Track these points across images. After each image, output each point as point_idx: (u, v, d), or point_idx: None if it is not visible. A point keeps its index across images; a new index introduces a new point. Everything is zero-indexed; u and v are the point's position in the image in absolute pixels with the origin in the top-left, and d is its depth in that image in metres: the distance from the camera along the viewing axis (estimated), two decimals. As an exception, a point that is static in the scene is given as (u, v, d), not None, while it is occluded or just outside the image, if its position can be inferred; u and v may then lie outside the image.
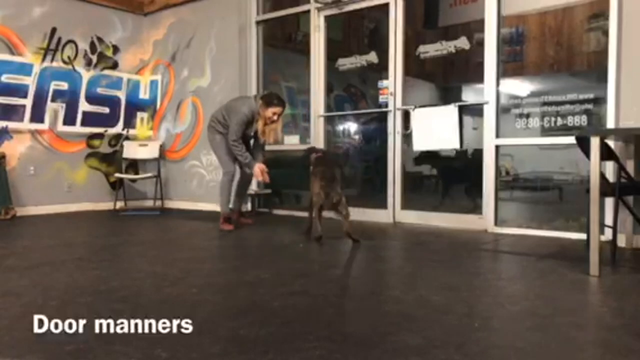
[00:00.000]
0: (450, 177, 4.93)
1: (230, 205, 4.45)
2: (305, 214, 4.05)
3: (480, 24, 4.21)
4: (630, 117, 3.38)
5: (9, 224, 4.80)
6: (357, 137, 5.33)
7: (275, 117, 4.20)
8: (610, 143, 3.19)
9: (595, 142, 2.58)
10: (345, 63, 5.17)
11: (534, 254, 3.23)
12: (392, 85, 4.70)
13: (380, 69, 4.91)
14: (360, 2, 4.95)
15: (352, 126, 5.35)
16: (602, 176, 2.83)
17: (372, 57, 5.04)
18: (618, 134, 3.25)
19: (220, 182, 4.42)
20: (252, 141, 4.47)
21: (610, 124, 3.56)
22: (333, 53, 5.23)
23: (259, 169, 4.14)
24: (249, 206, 5.50)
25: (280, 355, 1.56)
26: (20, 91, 5.38)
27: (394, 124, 4.69)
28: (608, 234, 3.15)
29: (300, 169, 5.24)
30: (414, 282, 2.65)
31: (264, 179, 4.23)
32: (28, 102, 5.44)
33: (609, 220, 3.08)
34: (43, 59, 5.55)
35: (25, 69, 5.41)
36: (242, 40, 5.64)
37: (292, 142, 5.57)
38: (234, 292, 2.34)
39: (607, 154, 2.96)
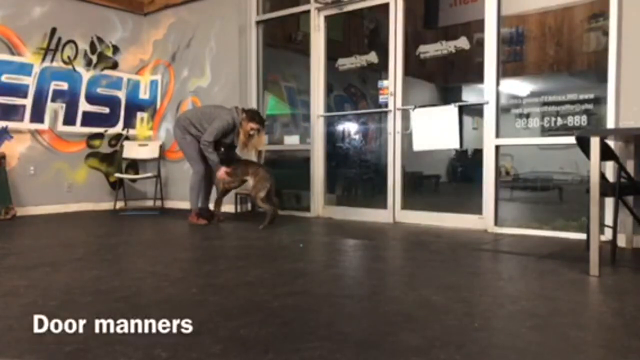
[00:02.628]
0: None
1: (199, 204, 4.71)
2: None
3: (480, 24, 4.20)
4: (630, 117, 3.37)
5: (9, 224, 4.80)
6: (357, 137, 5.33)
7: (252, 132, 4.52)
8: (610, 143, 3.19)
9: (595, 142, 2.58)
10: (345, 63, 5.17)
11: (534, 254, 3.23)
12: (392, 85, 4.70)
13: (380, 69, 4.91)
14: (360, 2, 4.95)
15: (352, 126, 5.35)
16: (602, 176, 2.83)
17: (372, 57, 5.03)
18: (618, 134, 3.25)
19: (191, 181, 4.69)
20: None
21: (610, 124, 3.55)
22: (333, 53, 5.23)
23: (222, 171, 4.47)
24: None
25: (280, 355, 1.56)
26: (20, 91, 5.38)
27: (394, 124, 4.69)
28: (608, 234, 3.14)
29: (300, 169, 5.27)
30: (414, 282, 2.65)
31: (224, 178, 4.52)
32: (28, 102, 5.43)
33: (609, 220, 3.07)
34: (43, 59, 5.54)
35: (25, 69, 5.41)
36: (242, 40, 5.64)
37: (292, 142, 5.57)
38: (234, 292, 2.33)
39: (607, 154, 2.96)
